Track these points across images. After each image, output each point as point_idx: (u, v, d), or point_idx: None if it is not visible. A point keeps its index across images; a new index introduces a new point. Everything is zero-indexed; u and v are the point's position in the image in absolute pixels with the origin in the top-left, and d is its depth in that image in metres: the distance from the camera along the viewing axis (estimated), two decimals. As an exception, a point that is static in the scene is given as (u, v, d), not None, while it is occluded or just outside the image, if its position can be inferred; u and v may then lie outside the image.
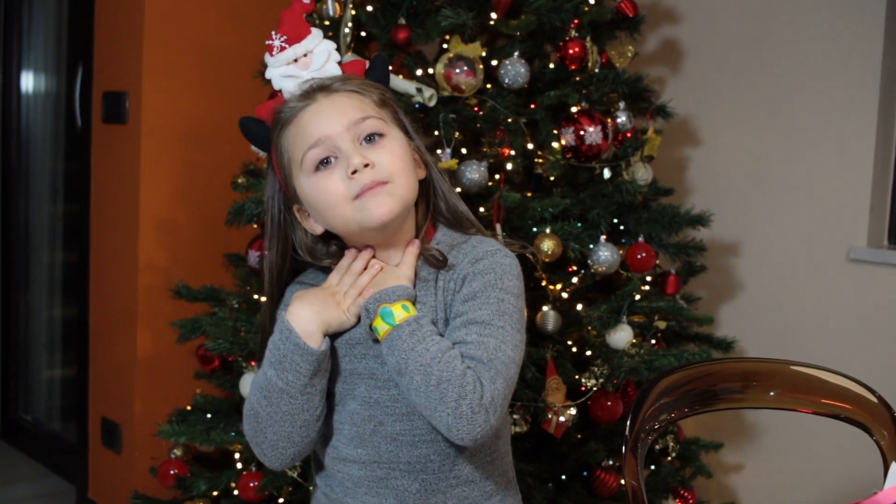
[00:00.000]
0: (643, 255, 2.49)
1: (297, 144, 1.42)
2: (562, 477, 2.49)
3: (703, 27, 3.15)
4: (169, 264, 3.20)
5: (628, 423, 1.65)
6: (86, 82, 3.44)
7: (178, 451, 2.66)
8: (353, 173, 1.37)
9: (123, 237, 3.26)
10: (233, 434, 2.47)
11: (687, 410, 1.75)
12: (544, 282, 2.41)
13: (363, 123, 1.41)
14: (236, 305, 2.55)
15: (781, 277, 3.00)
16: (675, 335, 2.65)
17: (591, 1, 2.51)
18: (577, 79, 2.49)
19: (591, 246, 2.43)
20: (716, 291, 3.10)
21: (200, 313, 2.61)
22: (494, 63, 2.43)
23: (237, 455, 2.53)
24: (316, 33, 1.51)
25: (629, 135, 2.57)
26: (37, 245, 4.26)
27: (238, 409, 2.60)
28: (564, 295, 2.44)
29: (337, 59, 1.50)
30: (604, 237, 2.44)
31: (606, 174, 2.50)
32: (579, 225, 2.43)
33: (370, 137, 1.41)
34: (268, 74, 1.51)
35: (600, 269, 2.42)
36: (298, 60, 1.50)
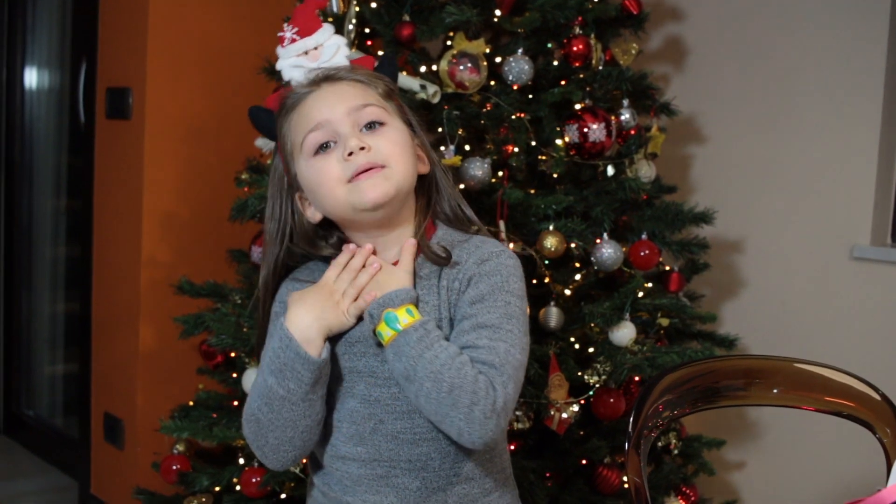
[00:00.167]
0: (646, 252, 2.49)
1: (299, 129, 1.44)
2: (564, 474, 2.49)
3: (708, 24, 3.14)
4: (172, 260, 3.20)
5: (631, 420, 1.65)
6: (89, 78, 3.43)
7: (181, 447, 2.66)
8: (350, 155, 1.39)
9: (126, 233, 3.26)
10: (235, 430, 2.47)
11: (689, 408, 1.75)
12: (547, 279, 2.41)
13: (364, 110, 1.42)
14: (239, 301, 2.55)
15: (785, 275, 3.00)
16: (678, 332, 2.65)
17: (595, -2, 2.51)
18: (581, 76, 2.49)
19: (595, 243, 2.43)
20: (719, 289, 3.10)
21: (203, 309, 2.61)
22: (498, 60, 2.43)
23: (239, 451, 2.53)
24: (327, 28, 1.53)
25: (633, 132, 2.57)
26: (40, 240, 4.26)
27: (241, 404, 2.61)
28: (567, 292, 2.44)
29: (346, 53, 1.52)
30: (607, 234, 2.44)
31: (610, 171, 2.50)
32: (582, 222, 2.43)
33: (371, 125, 1.42)
34: (278, 65, 1.53)
35: (603, 267, 2.42)
36: (308, 53, 1.52)
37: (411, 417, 1.43)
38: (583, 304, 2.43)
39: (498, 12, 2.42)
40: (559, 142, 2.42)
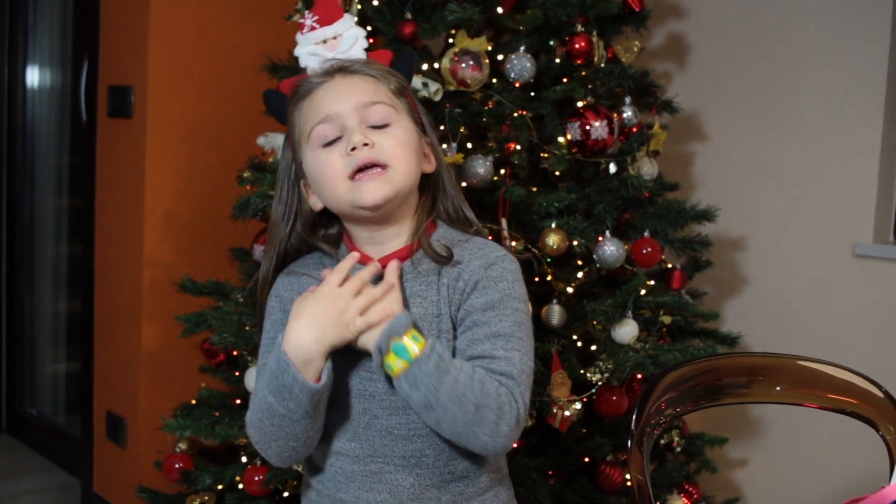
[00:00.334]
0: (648, 249, 2.49)
1: (308, 118, 1.45)
2: (567, 471, 2.49)
3: (710, 22, 3.14)
4: (174, 258, 3.20)
5: (634, 417, 1.65)
6: (91, 76, 3.43)
7: (183, 445, 2.66)
8: (352, 150, 1.39)
9: (128, 231, 3.26)
10: (237, 428, 2.47)
11: (692, 405, 1.75)
12: (549, 276, 2.40)
13: (373, 108, 1.42)
14: (241, 300, 2.55)
15: (787, 272, 3.00)
16: (681, 330, 2.65)
17: (597, -5, 2.51)
18: (583, 73, 2.49)
19: (597, 241, 2.43)
20: (721, 287, 3.10)
21: (205, 307, 2.61)
22: (500, 58, 2.42)
23: (242, 449, 2.53)
24: (347, 18, 1.53)
25: (635, 130, 2.57)
26: (42, 239, 4.26)
27: (243, 403, 2.61)
28: (570, 290, 2.44)
29: (364, 45, 1.52)
30: (609, 232, 2.44)
31: (612, 169, 2.50)
32: (585, 220, 2.43)
33: (377, 127, 1.42)
34: (296, 51, 1.54)
35: (605, 264, 2.42)
36: (327, 41, 1.52)
37: (406, 413, 1.43)
38: (585, 301, 2.43)
39: (500, 10, 2.42)
40: (561, 139, 2.42)
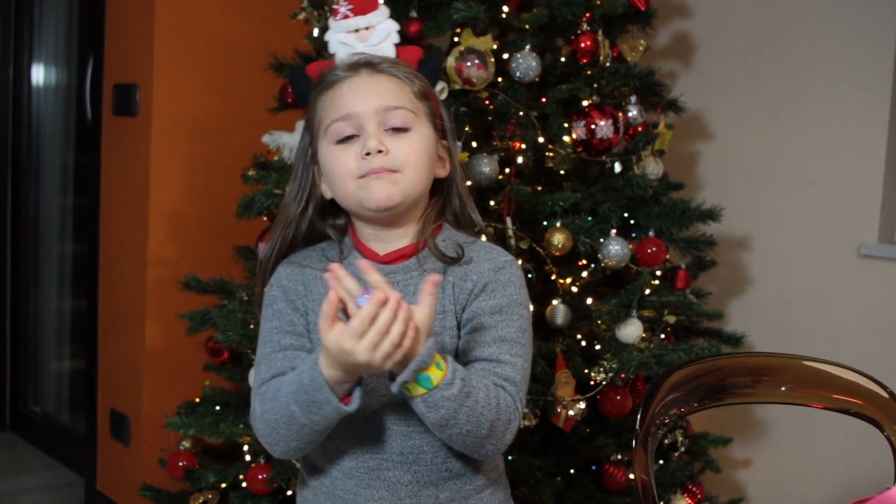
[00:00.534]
0: (653, 249, 2.49)
1: (328, 111, 1.45)
2: (570, 471, 2.49)
3: (715, 21, 3.14)
4: (178, 257, 3.20)
5: (638, 417, 1.65)
6: (96, 74, 3.44)
7: (187, 443, 2.66)
8: (367, 155, 1.40)
9: (133, 229, 3.26)
10: (241, 426, 2.47)
11: (697, 405, 1.75)
12: (554, 275, 2.40)
13: (393, 112, 1.43)
14: (246, 298, 2.55)
15: (792, 272, 2.99)
16: (685, 330, 2.65)
17: (603, -6, 2.51)
18: (589, 72, 2.48)
19: (602, 240, 2.42)
20: (726, 286, 3.09)
21: (210, 306, 2.61)
22: (506, 56, 2.42)
23: (246, 447, 2.53)
24: (382, 10, 1.52)
25: (640, 129, 2.56)
26: (46, 237, 4.27)
27: (246, 401, 2.60)
28: (574, 289, 2.44)
29: (396, 40, 1.51)
30: (614, 231, 2.44)
31: (617, 168, 2.49)
32: (590, 219, 2.42)
33: (396, 129, 1.43)
34: (327, 36, 1.53)
35: (610, 264, 2.42)
36: (359, 31, 1.52)
37: (405, 410, 1.42)
38: (590, 301, 2.43)
39: (505, 8, 2.42)
40: (566, 138, 2.42)
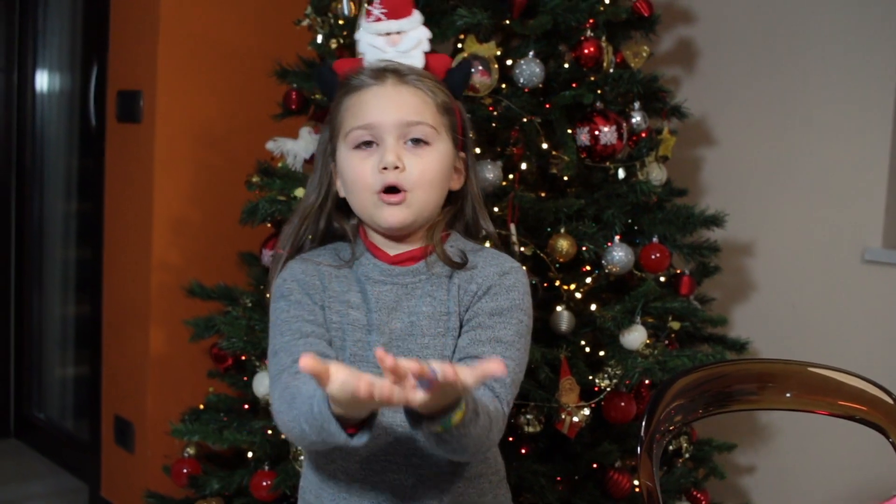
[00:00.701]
0: (657, 255, 2.49)
1: (350, 116, 1.46)
2: (575, 477, 2.48)
3: (718, 27, 3.14)
4: (182, 263, 3.21)
5: (643, 424, 1.64)
6: (100, 81, 3.44)
7: (191, 450, 2.66)
8: (384, 169, 1.41)
9: (137, 235, 3.26)
10: (246, 433, 2.47)
11: (702, 412, 1.75)
12: (558, 282, 2.40)
13: (415, 127, 1.44)
14: (250, 304, 2.55)
15: (796, 278, 2.99)
16: (689, 336, 2.65)
17: (607, 1, 2.50)
18: (592, 79, 2.48)
19: (606, 246, 2.42)
20: (730, 292, 3.09)
21: (214, 312, 2.61)
22: (509, 63, 2.42)
23: (250, 454, 2.53)
24: (415, 17, 1.51)
25: (644, 135, 2.56)
26: (51, 243, 4.27)
27: (251, 408, 2.61)
28: (578, 295, 2.43)
29: (426, 48, 1.51)
30: (618, 237, 2.43)
31: (621, 174, 2.49)
32: (593, 225, 2.42)
33: (416, 141, 1.44)
34: (357, 35, 1.53)
35: (614, 270, 2.42)
36: (390, 35, 1.51)
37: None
38: (594, 307, 2.43)
39: (509, 15, 2.42)
40: (570, 144, 2.42)
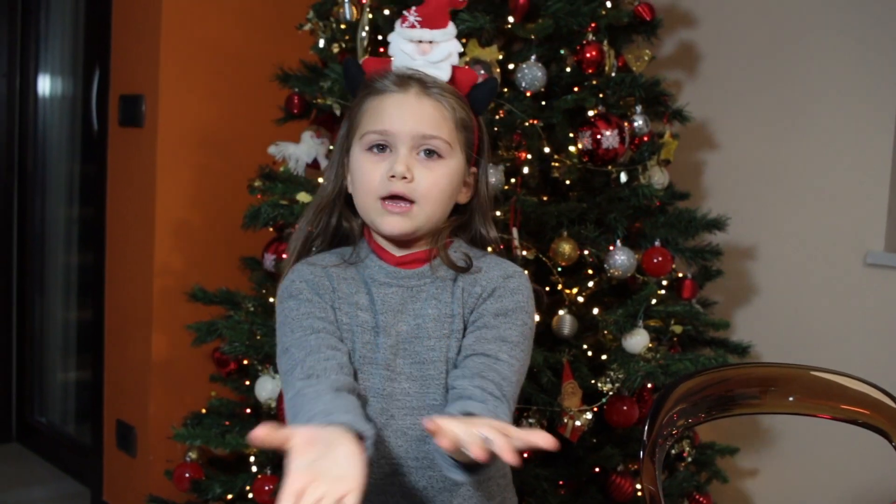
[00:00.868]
0: (659, 259, 2.48)
1: (368, 119, 1.47)
2: (577, 481, 2.48)
3: (720, 30, 3.14)
4: (184, 267, 3.21)
5: (646, 428, 1.64)
6: (102, 85, 3.44)
7: (193, 455, 2.66)
8: (392, 177, 1.42)
9: (139, 240, 3.26)
10: (248, 437, 2.46)
11: (704, 416, 1.75)
12: (560, 286, 2.40)
13: (430, 141, 1.45)
14: (252, 309, 2.55)
15: (798, 282, 2.99)
16: (691, 340, 2.64)
17: (609, 4, 2.50)
18: (594, 82, 2.48)
19: (608, 250, 2.42)
20: (732, 296, 3.09)
21: (216, 316, 2.61)
22: (511, 67, 2.42)
23: (252, 458, 2.53)
24: (449, 30, 1.53)
25: (646, 139, 2.56)
26: (52, 247, 4.27)
27: (253, 412, 2.61)
28: (580, 299, 2.43)
29: (455, 62, 1.52)
30: (620, 241, 2.43)
31: (623, 178, 2.49)
32: (596, 229, 2.42)
33: (429, 152, 1.45)
34: (389, 37, 1.54)
35: (616, 274, 2.42)
36: (421, 43, 1.52)
37: (420, 414, 1.43)
38: (596, 311, 2.43)
39: (511, 19, 2.42)
40: (572, 148, 2.42)
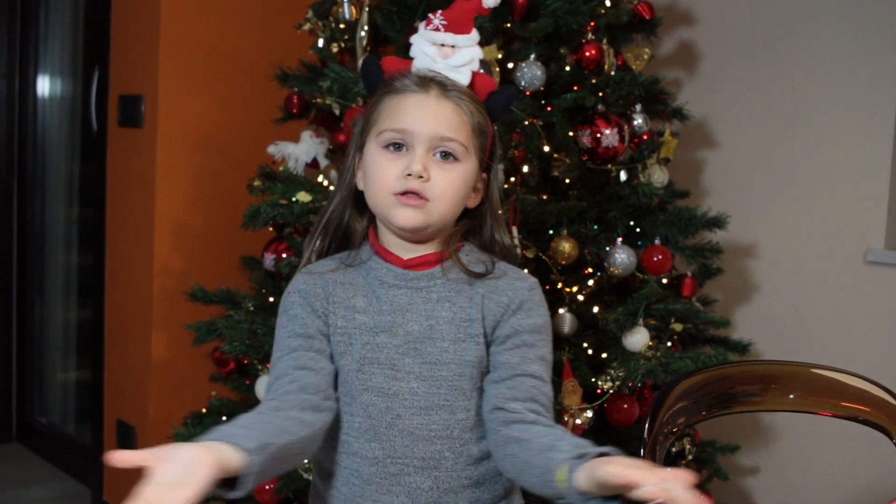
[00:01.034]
0: (659, 257, 2.49)
1: (387, 117, 1.47)
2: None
3: (720, 29, 3.14)
4: (184, 267, 3.21)
5: (647, 426, 1.65)
6: (102, 86, 3.44)
7: (194, 454, 2.65)
8: (408, 175, 1.42)
9: (139, 240, 3.26)
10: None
11: (705, 413, 1.75)
12: (560, 284, 2.40)
13: (447, 143, 1.45)
14: (252, 308, 2.55)
15: (798, 279, 2.99)
16: (692, 338, 2.64)
17: (608, 3, 2.50)
18: (594, 81, 2.48)
19: (608, 248, 2.42)
20: (732, 294, 3.09)
21: (216, 316, 2.61)
22: (511, 66, 2.42)
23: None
24: (473, 36, 1.54)
25: (645, 137, 2.56)
26: (52, 248, 4.27)
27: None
28: (580, 297, 2.43)
29: (475, 68, 1.54)
30: (620, 240, 2.43)
31: (623, 177, 2.49)
32: (596, 227, 2.42)
33: (445, 154, 1.45)
34: (412, 38, 1.55)
35: (616, 272, 2.42)
36: (444, 47, 1.53)
37: (428, 414, 1.43)
38: (596, 309, 2.43)
39: (510, 18, 2.42)
40: (572, 147, 2.42)
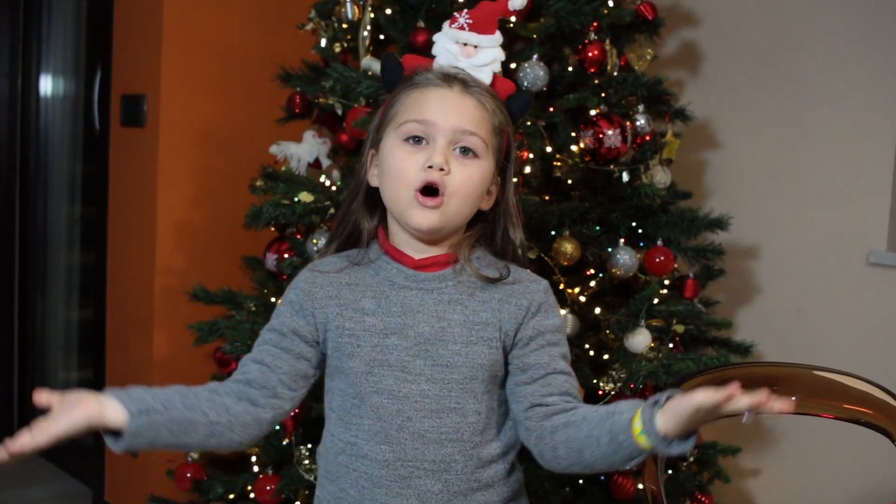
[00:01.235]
0: (661, 258, 2.48)
1: (408, 109, 1.47)
2: (579, 481, 2.48)
3: (723, 30, 3.13)
4: (186, 267, 3.21)
5: (648, 427, 1.64)
6: (104, 85, 3.45)
7: (195, 455, 2.66)
8: (429, 168, 1.42)
9: (141, 240, 3.26)
10: (250, 437, 2.46)
11: (707, 415, 1.74)
12: (562, 285, 2.40)
13: (469, 137, 1.45)
14: (253, 308, 2.55)
15: (800, 281, 2.99)
16: (693, 339, 2.64)
17: (611, 3, 2.50)
18: (596, 82, 2.48)
19: (610, 249, 2.42)
20: (734, 295, 3.08)
21: (217, 316, 2.61)
22: (513, 66, 2.42)
23: (254, 458, 2.53)
24: (496, 37, 1.56)
25: (648, 138, 2.56)
26: (54, 247, 4.27)
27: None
28: (582, 298, 2.43)
29: (497, 69, 1.55)
30: (622, 240, 2.43)
31: (625, 177, 2.49)
32: (598, 228, 2.42)
33: (465, 150, 1.45)
34: (435, 36, 1.56)
35: (618, 273, 2.41)
36: (467, 46, 1.54)
37: (439, 416, 1.43)
38: (598, 310, 2.43)
39: (513, 18, 2.42)
40: (574, 148, 2.41)
